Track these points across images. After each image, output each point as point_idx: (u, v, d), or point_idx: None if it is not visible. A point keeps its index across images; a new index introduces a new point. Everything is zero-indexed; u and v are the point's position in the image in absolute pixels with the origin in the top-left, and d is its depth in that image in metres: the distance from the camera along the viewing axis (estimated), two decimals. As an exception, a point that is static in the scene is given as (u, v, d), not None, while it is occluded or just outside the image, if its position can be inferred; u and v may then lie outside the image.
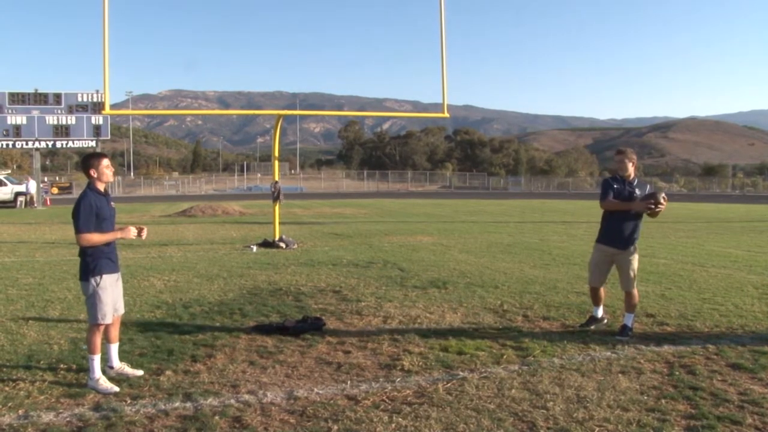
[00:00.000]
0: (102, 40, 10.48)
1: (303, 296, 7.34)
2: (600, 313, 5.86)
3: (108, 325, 4.37)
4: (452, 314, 6.37)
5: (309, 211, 24.95)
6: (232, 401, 3.93)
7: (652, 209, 5.47)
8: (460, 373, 4.47)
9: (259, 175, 79.08)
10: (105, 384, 4.14)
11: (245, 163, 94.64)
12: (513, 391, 4.11)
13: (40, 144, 29.75)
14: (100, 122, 29.77)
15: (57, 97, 29.30)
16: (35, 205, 29.93)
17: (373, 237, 14.38)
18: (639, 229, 5.72)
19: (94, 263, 4.22)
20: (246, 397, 4.01)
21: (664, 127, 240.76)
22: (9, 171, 54.08)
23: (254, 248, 12.03)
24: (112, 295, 4.32)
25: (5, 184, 30.38)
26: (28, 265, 9.81)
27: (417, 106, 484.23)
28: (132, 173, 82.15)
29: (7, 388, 4.12)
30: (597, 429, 3.52)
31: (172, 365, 4.64)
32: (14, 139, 29.07)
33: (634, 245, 5.70)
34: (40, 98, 29.18)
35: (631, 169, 5.66)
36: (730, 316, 6.22)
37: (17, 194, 30.33)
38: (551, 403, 3.89)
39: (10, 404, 3.85)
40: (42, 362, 4.70)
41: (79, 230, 4.15)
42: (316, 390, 4.14)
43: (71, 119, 29.40)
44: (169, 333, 5.57)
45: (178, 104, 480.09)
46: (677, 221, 20.11)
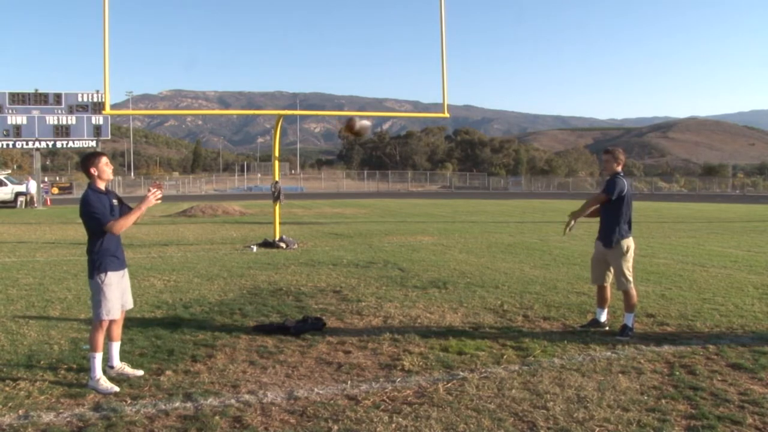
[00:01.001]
0: (102, 40, 10.49)
1: (303, 296, 7.34)
2: (603, 318, 5.80)
3: (112, 323, 4.39)
4: (452, 314, 6.37)
5: (309, 211, 24.95)
6: (233, 401, 3.93)
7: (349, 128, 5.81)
8: (461, 373, 4.47)
9: (259, 175, 79.08)
10: (105, 384, 4.14)
11: (245, 163, 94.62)
12: (513, 391, 4.11)
13: (40, 144, 29.75)
14: (101, 122, 29.77)
15: (57, 97, 29.30)
16: (35, 205, 29.94)
17: (373, 237, 14.39)
18: (618, 225, 5.62)
19: (99, 261, 4.27)
20: (246, 397, 4.01)
21: (665, 127, 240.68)
22: (9, 171, 54.05)
23: (254, 248, 12.03)
24: (118, 291, 4.36)
25: (6, 184, 30.39)
26: (28, 265, 9.81)
27: (417, 106, 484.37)
28: (132, 173, 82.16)
29: (7, 388, 4.12)
30: (597, 429, 3.52)
31: (173, 365, 4.64)
32: (14, 139, 29.06)
33: (619, 243, 5.62)
34: (40, 98, 29.18)
35: (616, 168, 5.75)
36: (731, 316, 6.22)
37: (17, 194, 30.34)
38: (551, 403, 3.89)
39: (10, 404, 3.85)
40: (42, 362, 4.70)
41: (103, 224, 4.19)
42: (316, 390, 4.14)
43: (71, 119, 29.40)
44: (170, 333, 5.57)
45: (179, 104, 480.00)
46: (677, 221, 20.12)
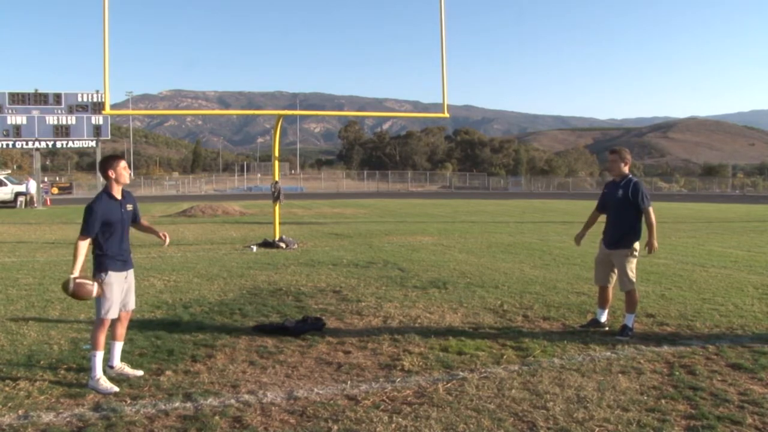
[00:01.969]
0: (102, 40, 10.49)
1: (303, 296, 7.34)
2: (603, 318, 5.81)
3: (116, 322, 4.40)
4: (452, 314, 6.37)
5: (309, 211, 24.95)
6: (233, 401, 3.93)
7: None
8: (460, 373, 4.47)
9: (259, 175, 79.09)
10: (105, 384, 4.14)
11: (245, 163, 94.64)
12: (513, 391, 4.11)
13: (40, 144, 29.74)
14: (101, 122, 29.74)
15: (57, 97, 29.28)
16: (35, 205, 29.93)
17: (373, 237, 14.38)
18: (635, 231, 5.64)
19: (101, 261, 4.31)
20: (246, 397, 4.01)
21: (664, 127, 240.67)
22: (9, 171, 54.07)
23: (254, 248, 12.03)
24: (118, 292, 4.37)
25: (5, 184, 30.38)
26: (28, 265, 9.81)
27: (417, 106, 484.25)
28: (132, 173, 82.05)
29: (7, 388, 4.12)
30: (597, 429, 3.52)
31: (172, 365, 4.64)
32: (14, 139, 29.05)
33: (629, 248, 5.63)
34: (40, 98, 29.17)
35: (624, 169, 5.69)
36: (730, 316, 6.22)
37: (17, 194, 30.33)
38: (551, 403, 3.89)
39: (10, 404, 3.85)
40: (42, 362, 4.70)
41: (80, 231, 4.25)
42: (316, 390, 4.14)
43: (71, 119, 29.39)
44: (169, 333, 5.57)
45: (178, 104, 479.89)
46: (677, 221, 20.12)
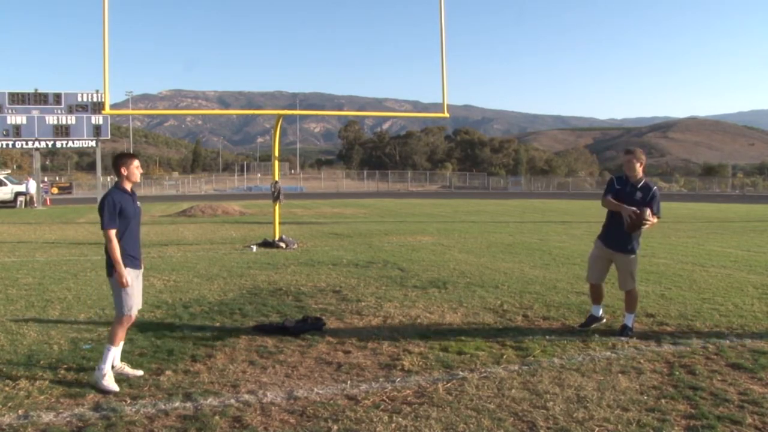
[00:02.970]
0: (102, 40, 10.49)
1: (303, 296, 7.33)
2: (599, 312, 5.85)
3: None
4: (452, 314, 6.37)
5: (309, 211, 24.95)
6: (232, 401, 3.93)
7: (632, 220, 5.37)
8: (460, 373, 4.47)
9: (259, 175, 79.08)
10: (109, 381, 4.15)
11: (245, 163, 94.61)
12: (513, 391, 4.11)
13: (40, 144, 29.74)
14: (100, 122, 29.75)
15: (57, 97, 29.29)
16: (35, 205, 29.94)
17: (373, 237, 14.39)
18: (639, 235, 5.66)
19: (123, 259, 4.33)
20: (246, 397, 4.01)
21: (664, 127, 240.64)
22: (9, 171, 54.05)
23: (254, 248, 12.03)
24: (137, 288, 4.44)
25: (5, 184, 30.39)
26: (28, 265, 9.81)
27: (417, 106, 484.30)
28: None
29: (7, 388, 4.12)
30: (597, 429, 3.52)
31: (172, 365, 4.64)
32: (14, 139, 29.05)
33: (635, 253, 5.65)
34: (40, 98, 29.18)
35: (639, 170, 5.59)
36: (730, 316, 6.22)
37: (17, 194, 30.35)
38: (551, 403, 3.89)
39: (10, 404, 3.85)
40: (42, 362, 4.69)
41: (104, 226, 4.29)
42: (316, 390, 4.14)
43: (71, 119, 29.39)
44: (169, 333, 5.57)
45: (178, 104, 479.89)
46: (677, 221, 20.11)
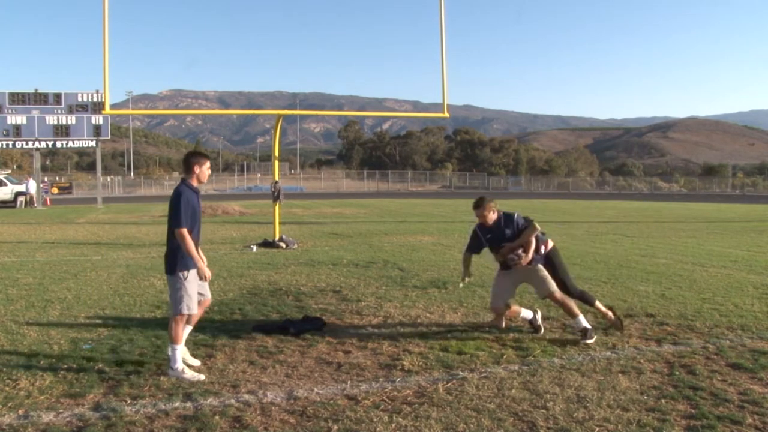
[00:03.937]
0: (102, 40, 10.49)
1: (303, 296, 7.34)
2: (530, 315, 5.64)
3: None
4: (452, 314, 6.37)
5: (309, 211, 24.95)
6: (233, 401, 3.93)
7: (518, 257, 5.43)
8: (460, 373, 4.47)
9: (259, 175, 79.07)
10: (189, 374, 4.31)
11: (245, 163, 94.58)
12: (513, 391, 4.11)
13: (40, 144, 29.74)
14: (100, 122, 29.75)
15: (57, 97, 29.29)
16: (35, 205, 29.94)
17: (373, 237, 14.39)
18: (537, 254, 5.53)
19: (183, 258, 4.42)
20: (246, 397, 4.01)
21: (664, 127, 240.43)
22: (9, 171, 54.04)
23: (254, 248, 12.03)
24: (197, 287, 4.55)
25: (5, 184, 30.40)
26: (28, 265, 9.81)
27: (417, 106, 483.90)
28: (132, 173, 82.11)
29: (7, 388, 4.12)
30: (597, 429, 3.52)
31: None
32: (14, 139, 29.06)
33: (537, 263, 5.54)
34: (40, 98, 29.17)
35: (492, 215, 5.54)
36: (730, 316, 6.22)
37: (17, 194, 30.36)
38: (551, 403, 3.89)
39: (10, 404, 3.85)
40: (42, 362, 4.70)
41: (176, 225, 4.38)
42: (316, 390, 4.14)
43: (71, 119, 29.39)
44: (169, 333, 5.56)
45: (178, 104, 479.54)
46: (677, 221, 20.12)
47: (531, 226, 5.52)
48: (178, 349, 4.39)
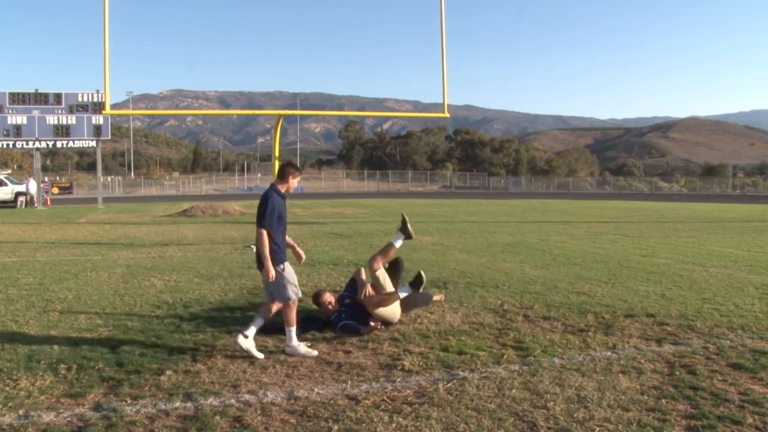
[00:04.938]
0: (102, 39, 10.49)
1: (303, 296, 7.32)
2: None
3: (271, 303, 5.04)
4: (452, 314, 6.37)
5: (309, 211, 24.95)
6: (233, 401, 3.93)
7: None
8: (461, 373, 4.47)
9: (259, 175, 79.06)
10: (304, 349, 4.89)
11: (246, 163, 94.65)
12: (513, 391, 4.10)
13: (40, 144, 29.75)
14: (101, 122, 29.77)
15: (57, 97, 29.31)
16: (36, 205, 29.96)
17: (373, 237, 14.38)
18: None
19: (276, 255, 4.93)
20: (246, 396, 4.01)
21: (665, 127, 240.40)
22: (9, 171, 54.10)
23: (254, 248, 12.02)
24: (295, 275, 5.06)
25: (6, 184, 30.43)
26: (28, 265, 9.81)
27: (417, 106, 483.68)
28: (132, 173, 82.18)
29: (7, 388, 4.12)
30: (597, 429, 3.52)
31: (173, 365, 4.64)
32: (14, 139, 29.07)
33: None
34: (40, 98, 29.19)
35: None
36: (731, 316, 6.21)
37: (18, 194, 30.39)
38: (552, 403, 3.89)
39: (10, 404, 3.85)
40: (42, 362, 4.69)
41: (263, 226, 4.87)
42: (316, 390, 4.14)
43: (72, 119, 29.41)
44: (170, 333, 5.57)
45: (179, 104, 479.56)
46: (677, 221, 20.12)
47: None
48: (293, 330, 4.94)
